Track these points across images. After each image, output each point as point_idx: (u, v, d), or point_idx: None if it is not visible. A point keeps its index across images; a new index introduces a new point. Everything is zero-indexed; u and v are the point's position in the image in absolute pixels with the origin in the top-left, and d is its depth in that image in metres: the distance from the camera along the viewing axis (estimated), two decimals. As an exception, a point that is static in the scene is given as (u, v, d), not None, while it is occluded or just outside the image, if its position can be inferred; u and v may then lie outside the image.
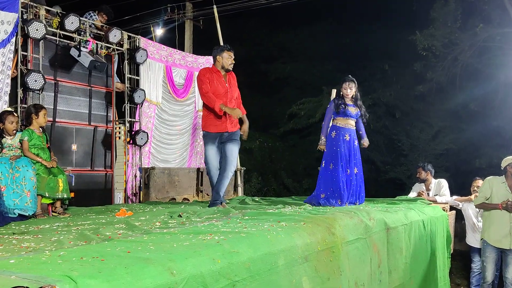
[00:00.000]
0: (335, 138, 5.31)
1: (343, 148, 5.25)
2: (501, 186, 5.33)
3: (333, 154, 5.27)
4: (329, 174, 5.24)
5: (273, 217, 3.82)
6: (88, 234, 3.17)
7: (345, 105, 5.33)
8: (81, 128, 6.99)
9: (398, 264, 4.54)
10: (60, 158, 5.90)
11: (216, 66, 5.09)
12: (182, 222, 3.80)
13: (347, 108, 5.32)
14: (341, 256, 3.53)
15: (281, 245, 2.95)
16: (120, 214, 4.51)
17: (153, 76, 8.07)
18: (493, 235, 5.38)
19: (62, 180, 4.98)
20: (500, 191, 5.34)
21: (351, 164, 5.31)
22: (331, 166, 5.27)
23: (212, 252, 2.50)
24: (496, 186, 5.36)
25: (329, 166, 5.28)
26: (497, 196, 5.33)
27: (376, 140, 16.62)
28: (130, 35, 7.75)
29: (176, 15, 12.71)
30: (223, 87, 5.03)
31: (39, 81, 6.06)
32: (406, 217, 4.85)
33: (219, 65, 5.07)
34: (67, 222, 4.03)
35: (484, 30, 12.81)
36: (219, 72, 5.06)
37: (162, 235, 3.03)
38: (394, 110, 16.31)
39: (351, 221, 3.92)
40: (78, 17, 6.63)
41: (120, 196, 7.48)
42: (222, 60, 5.04)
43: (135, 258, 2.28)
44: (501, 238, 5.31)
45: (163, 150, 8.34)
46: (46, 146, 5.09)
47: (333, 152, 5.28)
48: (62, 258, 2.28)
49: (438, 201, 6.32)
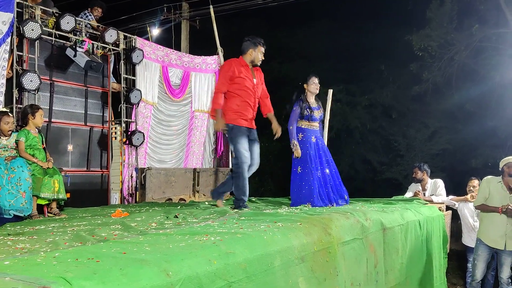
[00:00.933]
0: (301, 141, 5.27)
1: (311, 150, 5.23)
2: (498, 186, 5.37)
3: (301, 157, 5.23)
4: (298, 178, 5.22)
5: (270, 217, 3.82)
6: (84, 235, 3.16)
7: (311, 109, 5.29)
8: (77, 128, 6.96)
9: (394, 264, 4.54)
10: (56, 159, 5.88)
11: (245, 59, 4.86)
12: (178, 223, 3.80)
13: (313, 113, 5.30)
14: (337, 256, 3.53)
15: (277, 246, 2.95)
16: (116, 214, 4.50)
17: (149, 76, 8.06)
18: (489, 235, 5.41)
19: (58, 180, 4.97)
20: (497, 191, 5.37)
21: (323, 166, 5.28)
22: (299, 170, 5.22)
23: (208, 253, 2.49)
24: (493, 186, 5.39)
25: (297, 170, 5.24)
26: (495, 196, 5.37)
27: (373, 140, 16.66)
28: (126, 35, 7.73)
29: (173, 15, 12.69)
30: (251, 82, 4.83)
31: (34, 81, 6.04)
32: (402, 217, 4.86)
33: (248, 58, 4.86)
34: (62, 223, 4.01)
35: (480, 30, 12.86)
36: (248, 65, 4.85)
37: (158, 236, 3.02)
38: (390, 110, 16.34)
39: (347, 222, 3.92)
40: (74, 17, 6.61)
41: (116, 196, 7.45)
42: (254, 54, 4.84)
43: (130, 259, 2.27)
44: (496, 238, 5.34)
45: (159, 151, 8.32)
46: (42, 147, 5.07)
47: (302, 154, 5.24)
48: (57, 260, 2.27)
49: (434, 201, 6.33)
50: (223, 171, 8.38)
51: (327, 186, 5.25)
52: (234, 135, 4.70)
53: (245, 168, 4.71)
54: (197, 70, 8.93)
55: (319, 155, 5.29)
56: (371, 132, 16.61)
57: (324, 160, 5.34)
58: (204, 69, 9.02)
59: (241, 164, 4.69)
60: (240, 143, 4.69)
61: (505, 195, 5.32)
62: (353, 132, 16.64)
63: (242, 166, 4.69)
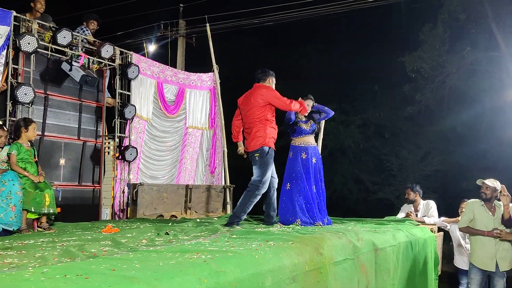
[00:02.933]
0: (292, 158, 5.36)
1: (299, 167, 5.28)
2: (481, 209, 5.43)
3: (292, 175, 5.30)
4: (286, 195, 5.25)
5: (262, 236, 3.80)
6: (73, 250, 3.12)
7: (296, 123, 5.39)
8: (70, 142, 6.94)
9: (386, 286, 4.52)
10: (47, 173, 5.84)
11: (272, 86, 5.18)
12: (169, 240, 3.77)
13: (300, 125, 5.40)
14: (329, 277, 3.51)
15: (269, 265, 2.93)
16: (106, 230, 4.46)
17: (144, 92, 8.08)
18: (480, 258, 5.42)
19: (48, 195, 4.92)
20: (481, 214, 5.43)
21: (310, 182, 5.28)
22: (288, 187, 5.27)
23: (198, 271, 2.47)
24: (477, 209, 5.46)
25: (286, 187, 5.29)
26: (479, 219, 5.42)
27: (366, 160, 16.74)
28: (122, 51, 7.77)
29: (169, 32, 12.80)
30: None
31: (29, 94, 6.03)
32: (394, 238, 4.85)
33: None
34: (52, 238, 3.97)
35: (471, 53, 13.07)
36: None
37: (148, 253, 2.99)
38: (383, 130, 16.48)
39: (339, 242, 3.91)
40: (70, 32, 6.64)
41: (107, 212, 7.39)
42: (271, 84, 5.15)
43: (120, 276, 2.24)
44: (486, 260, 5.35)
45: (152, 166, 8.30)
46: (34, 160, 5.04)
47: (291, 172, 5.31)
48: (45, 275, 2.24)
49: (426, 222, 6.33)
50: (216, 188, 8.35)
51: (314, 203, 5.26)
52: (268, 160, 4.89)
53: (262, 193, 4.88)
54: (192, 87, 8.96)
55: (308, 172, 5.29)
56: (364, 152, 16.70)
57: (312, 177, 5.33)
58: (199, 86, 9.06)
59: (261, 188, 4.85)
60: (270, 169, 4.91)
61: (489, 217, 5.37)
62: (346, 151, 16.72)
63: (261, 190, 4.86)
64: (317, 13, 11.83)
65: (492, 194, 5.35)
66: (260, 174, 4.85)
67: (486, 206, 5.40)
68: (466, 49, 13.09)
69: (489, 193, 5.35)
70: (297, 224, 5.01)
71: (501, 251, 5.28)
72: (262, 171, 4.85)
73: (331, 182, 15.80)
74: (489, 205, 5.40)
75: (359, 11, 11.92)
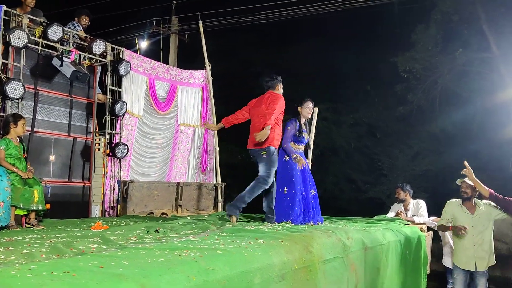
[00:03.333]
0: (288, 162, 5.31)
1: (296, 171, 5.26)
2: (459, 208, 5.53)
3: (287, 178, 5.26)
4: (284, 199, 5.23)
5: (252, 234, 3.80)
6: (61, 247, 3.10)
7: (302, 132, 5.39)
8: (60, 138, 6.88)
9: (375, 284, 4.54)
10: (37, 169, 5.79)
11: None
12: (158, 238, 3.75)
13: (304, 135, 5.41)
14: (318, 275, 3.51)
15: (258, 263, 2.92)
16: (95, 227, 4.44)
17: (136, 89, 8.04)
18: (460, 258, 5.55)
19: (37, 191, 4.88)
20: (460, 213, 5.54)
21: (307, 187, 5.31)
22: (286, 191, 5.25)
23: (187, 269, 2.46)
24: (455, 209, 5.57)
25: (284, 191, 5.26)
26: (458, 218, 5.53)
27: (357, 159, 16.79)
28: (114, 47, 7.71)
29: (162, 29, 12.75)
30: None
31: (18, 89, 5.97)
32: (384, 237, 4.87)
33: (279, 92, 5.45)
34: (40, 235, 3.94)
35: (463, 54, 13.14)
36: None
37: (137, 250, 2.97)
38: (375, 130, 16.53)
39: (329, 240, 3.91)
40: (61, 27, 6.58)
41: (97, 209, 7.35)
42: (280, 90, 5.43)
43: (107, 273, 2.22)
44: (467, 260, 5.46)
45: (142, 163, 8.26)
46: (23, 156, 4.99)
47: (287, 176, 5.27)
48: (32, 272, 2.22)
49: (415, 222, 6.37)
50: (207, 186, 8.34)
51: (310, 206, 5.27)
52: (275, 158, 5.20)
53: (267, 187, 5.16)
54: (184, 84, 8.93)
55: (304, 177, 5.31)
56: (356, 151, 16.75)
57: (308, 181, 5.35)
58: (191, 83, 9.03)
59: (269, 182, 5.15)
60: (276, 166, 5.21)
61: (467, 216, 5.46)
62: (338, 151, 16.75)
63: (268, 184, 5.15)
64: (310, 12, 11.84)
65: (472, 192, 5.47)
66: (267, 170, 5.14)
67: (465, 205, 5.51)
68: (458, 50, 13.17)
69: (469, 191, 5.49)
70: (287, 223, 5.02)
71: (479, 252, 5.38)
72: (270, 167, 5.16)
73: (323, 181, 15.84)
74: (469, 204, 5.50)
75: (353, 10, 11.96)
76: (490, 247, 5.39)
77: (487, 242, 5.38)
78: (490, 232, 5.41)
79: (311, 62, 17.46)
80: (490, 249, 5.39)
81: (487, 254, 5.37)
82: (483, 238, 5.37)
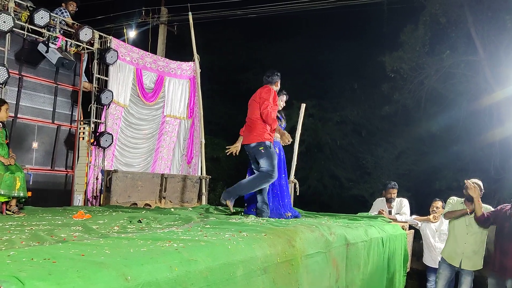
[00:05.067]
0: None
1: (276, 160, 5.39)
2: (461, 206, 5.57)
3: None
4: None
5: (235, 227, 3.80)
6: (42, 235, 3.06)
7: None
8: (44, 126, 6.79)
9: (355, 280, 4.58)
10: (19, 156, 5.71)
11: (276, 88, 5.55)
12: (141, 228, 3.73)
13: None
14: (300, 269, 3.53)
15: (241, 256, 2.93)
16: (77, 216, 4.39)
17: (123, 78, 7.95)
18: (448, 250, 5.63)
19: (19, 178, 4.81)
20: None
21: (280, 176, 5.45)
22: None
23: (169, 259, 2.45)
24: (457, 206, 5.61)
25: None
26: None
27: (342, 157, 16.90)
28: (101, 35, 7.62)
29: (151, 19, 12.62)
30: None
31: (2, 74, 5.87)
32: (366, 233, 4.91)
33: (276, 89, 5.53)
34: (21, 222, 3.88)
35: (450, 56, 13.27)
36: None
37: (119, 239, 2.95)
38: (360, 128, 16.63)
39: (312, 235, 3.93)
40: (48, 12, 6.48)
41: (79, 198, 7.28)
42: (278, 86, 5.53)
43: (88, 261, 2.20)
44: (454, 254, 5.54)
45: (127, 154, 8.19)
46: (5, 142, 4.91)
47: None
48: (11, 258, 2.19)
49: (398, 220, 6.44)
50: (192, 179, 8.31)
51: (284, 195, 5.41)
52: (273, 151, 5.23)
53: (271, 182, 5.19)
54: (172, 75, 8.87)
55: (279, 165, 5.40)
56: (341, 149, 16.85)
57: (282, 170, 5.52)
58: (179, 75, 8.97)
59: (273, 176, 5.15)
60: (276, 160, 5.22)
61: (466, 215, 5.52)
62: (323, 148, 16.83)
63: (273, 179, 5.16)
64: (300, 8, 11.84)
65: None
66: (270, 163, 5.15)
67: (467, 204, 5.54)
68: (445, 52, 13.29)
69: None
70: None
71: (468, 251, 5.45)
72: (271, 160, 5.17)
73: (307, 177, 15.92)
74: (470, 204, 5.53)
75: (342, 9, 11.99)
76: (479, 250, 5.45)
77: (478, 244, 5.45)
78: (483, 237, 5.48)
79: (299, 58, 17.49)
80: (479, 252, 5.45)
81: (475, 256, 5.43)
82: (475, 240, 5.44)
